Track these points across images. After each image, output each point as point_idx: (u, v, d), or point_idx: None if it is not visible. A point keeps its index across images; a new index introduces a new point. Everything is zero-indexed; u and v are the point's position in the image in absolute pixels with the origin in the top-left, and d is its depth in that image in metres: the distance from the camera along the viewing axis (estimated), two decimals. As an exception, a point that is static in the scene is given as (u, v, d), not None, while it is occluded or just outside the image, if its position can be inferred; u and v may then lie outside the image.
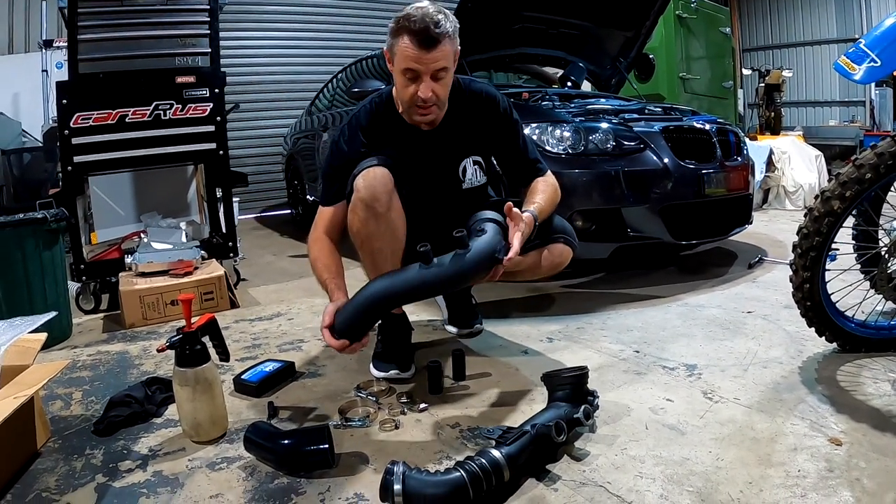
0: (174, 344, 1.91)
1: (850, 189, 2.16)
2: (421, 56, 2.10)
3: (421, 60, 2.11)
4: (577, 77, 5.34)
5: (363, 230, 2.24)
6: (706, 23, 8.84)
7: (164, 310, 3.34)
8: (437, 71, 2.14)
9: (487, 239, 1.98)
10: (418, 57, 2.11)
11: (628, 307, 3.19)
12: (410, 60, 2.12)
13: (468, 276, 1.99)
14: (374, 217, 2.20)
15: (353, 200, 2.23)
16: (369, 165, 2.23)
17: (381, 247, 2.28)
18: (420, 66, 2.12)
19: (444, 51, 2.12)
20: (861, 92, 11.80)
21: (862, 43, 2.38)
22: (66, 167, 3.55)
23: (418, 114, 2.24)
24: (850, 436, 1.81)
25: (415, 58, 2.11)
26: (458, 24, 2.20)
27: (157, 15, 3.69)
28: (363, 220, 2.22)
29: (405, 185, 2.29)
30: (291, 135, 6.87)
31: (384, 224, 2.23)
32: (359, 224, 2.23)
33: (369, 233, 2.24)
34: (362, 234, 2.25)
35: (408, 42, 2.10)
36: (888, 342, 2.40)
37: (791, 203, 6.58)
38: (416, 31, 2.07)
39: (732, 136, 4.05)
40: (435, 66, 2.13)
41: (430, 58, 2.11)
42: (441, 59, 2.13)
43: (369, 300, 1.95)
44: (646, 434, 1.88)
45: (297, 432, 1.90)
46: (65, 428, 2.10)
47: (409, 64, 2.13)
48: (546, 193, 2.37)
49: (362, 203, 2.19)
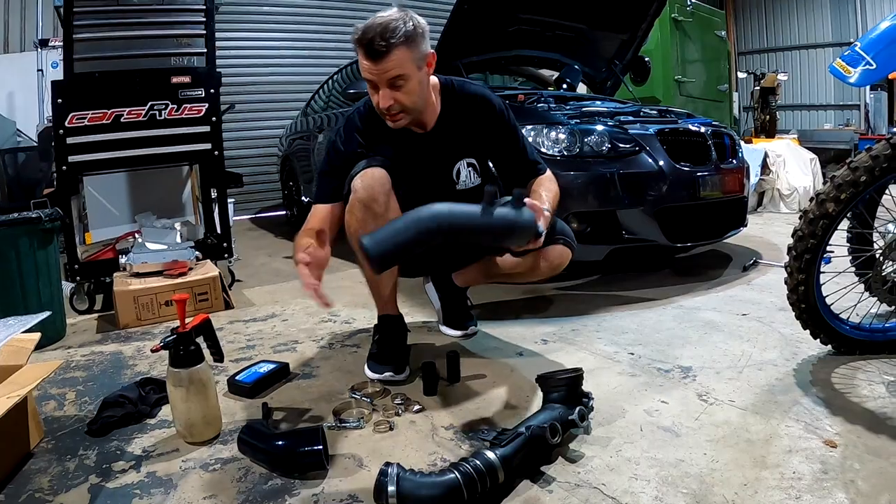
0: (168, 344, 1.91)
1: (844, 192, 2.16)
2: (371, 67, 2.12)
3: (372, 71, 2.13)
4: (573, 79, 5.35)
5: (361, 230, 2.23)
6: (702, 26, 8.86)
7: (159, 310, 3.33)
8: (392, 80, 2.14)
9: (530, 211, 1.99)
10: (370, 68, 2.13)
11: (623, 309, 3.19)
12: (364, 70, 2.15)
13: (521, 231, 1.98)
14: (373, 217, 2.20)
15: (350, 201, 2.23)
16: (367, 166, 2.24)
17: None
18: (373, 76, 2.14)
19: (395, 59, 2.10)
20: (856, 96, 11.85)
21: (857, 46, 2.39)
22: (61, 167, 3.53)
23: (388, 120, 2.25)
24: (845, 438, 1.81)
25: (367, 68, 2.14)
26: (423, 27, 2.18)
27: (153, 15, 3.69)
28: (361, 221, 2.22)
29: (400, 187, 2.30)
30: (287, 136, 6.86)
31: (381, 225, 2.23)
32: (356, 224, 2.23)
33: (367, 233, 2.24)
34: (360, 234, 2.25)
35: (361, 55, 2.13)
36: (883, 344, 2.40)
37: (786, 206, 6.60)
38: (364, 43, 2.09)
39: (727, 139, 4.05)
40: (387, 75, 2.12)
41: (379, 68, 2.11)
42: (392, 67, 2.11)
43: (427, 218, 1.86)
44: (640, 436, 1.88)
45: (290, 433, 1.90)
46: (58, 428, 2.10)
47: (365, 74, 2.17)
48: (551, 192, 2.38)
49: (360, 204, 2.20)
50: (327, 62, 8.16)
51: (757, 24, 13.67)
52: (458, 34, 4.14)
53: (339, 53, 8.39)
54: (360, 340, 2.86)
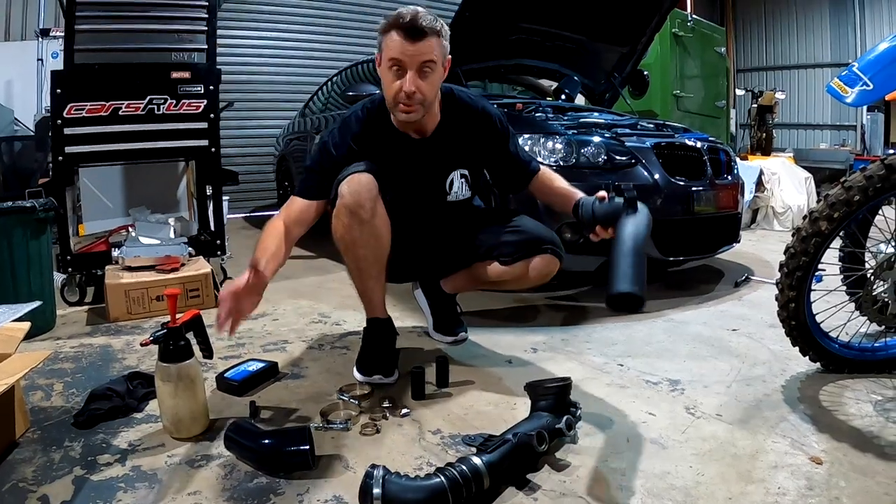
0: (158, 339, 1.91)
1: (838, 210, 2.17)
2: (406, 47, 2.12)
3: (406, 52, 2.13)
4: (572, 90, 5.36)
5: (347, 236, 2.24)
6: (702, 42, 8.89)
7: (149, 305, 3.32)
8: (423, 64, 2.15)
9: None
10: (404, 48, 2.13)
11: (613, 321, 3.19)
12: (396, 51, 2.14)
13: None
14: (359, 223, 2.21)
15: (337, 206, 2.23)
16: (354, 171, 2.23)
17: (365, 254, 2.29)
18: (405, 57, 2.14)
19: (430, 45, 2.14)
20: (852, 116, 11.91)
21: (855, 66, 2.41)
22: (57, 157, 3.52)
23: (401, 110, 2.23)
24: (831, 455, 1.82)
25: (401, 49, 2.13)
26: (449, 31, 2.22)
27: (155, 9, 3.68)
28: (347, 227, 2.22)
29: (389, 192, 2.30)
30: (284, 136, 6.85)
31: (368, 231, 2.24)
32: (342, 230, 2.24)
33: (353, 239, 2.25)
34: (346, 239, 2.25)
35: (395, 36, 2.13)
36: (871, 364, 2.42)
37: (779, 224, 6.62)
38: (404, 24, 2.11)
39: (723, 155, 4.07)
40: (420, 58, 2.14)
41: (415, 49, 2.12)
42: (427, 52, 2.14)
43: (640, 246, 1.95)
44: (627, 447, 1.89)
45: (277, 433, 1.89)
46: (44, 419, 2.09)
47: (394, 54, 2.15)
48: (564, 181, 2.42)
49: (346, 209, 2.20)
50: (327, 64, 8.16)
51: (756, 43, 13.73)
52: (458, 41, 4.14)
53: (338, 55, 8.39)
54: (350, 343, 2.86)
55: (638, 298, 1.85)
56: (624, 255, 1.93)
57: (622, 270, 1.90)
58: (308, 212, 2.30)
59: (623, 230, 2.00)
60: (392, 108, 2.28)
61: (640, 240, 1.97)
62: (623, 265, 1.91)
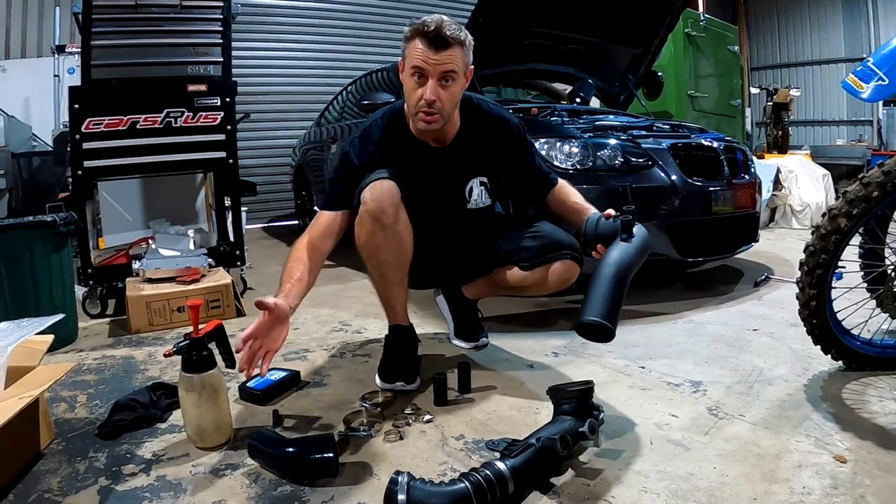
0: (181, 349, 1.92)
1: (857, 207, 2.16)
2: (430, 56, 2.13)
3: (429, 60, 2.14)
4: (586, 93, 5.35)
5: (370, 242, 2.25)
6: (715, 41, 8.86)
7: (171, 316, 3.34)
8: (445, 73, 2.16)
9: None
10: (427, 56, 2.14)
11: (634, 323, 3.18)
12: (419, 59, 2.15)
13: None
14: (381, 229, 2.22)
15: (360, 213, 2.24)
16: (377, 178, 2.24)
17: (388, 259, 2.29)
18: (428, 65, 2.14)
19: (453, 54, 2.15)
20: (868, 111, 11.82)
21: (870, 61, 2.40)
22: (77, 172, 3.56)
23: (422, 119, 2.24)
24: (856, 453, 1.81)
25: (424, 57, 2.14)
26: (472, 40, 2.22)
27: (170, 23, 3.71)
28: (370, 233, 2.23)
29: (410, 200, 2.30)
30: (300, 146, 6.88)
31: (391, 236, 2.25)
32: (366, 236, 2.24)
33: (376, 245, 2.25)
34: (369, 246, 2.26)
35: (419, 43, 2.14)
36: (894, 360, 2.40)
37: (798, 222, 6.58)
38: (429, 32, 2.12)
39: (740, 154, 4.05)
40: (442, 67, 2.15)
41: (438, 58, 2.13)
42: (450, 61, 2.15)
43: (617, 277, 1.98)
44: (650, 449, 1.88)
45: (301, 441, 1.90)
46: (69, 430, 2.11)
47: (417, 62, 2.16)
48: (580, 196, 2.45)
49: (369, 216, 2.21)
50: (342, 73, 8.18)
51: (770, 40, 13.66)
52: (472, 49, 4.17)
53: (354, 65, 8.41)
54: (372, 350, 2.87)
55: (603, 328, 1.85)
56: (599, 283, 1.95)
57: (593, 298, 1.92)
58: (336, 223, 2.32)
59: (608, 256, 2.02)
60: (412, 117, 2.29)
61: (622, 268, 1.98)
62: (596, 293, 1.93)
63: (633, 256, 2.03)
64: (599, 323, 1.85)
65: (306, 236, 2.29)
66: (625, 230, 2.05)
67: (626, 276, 1.99)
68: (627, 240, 2.04)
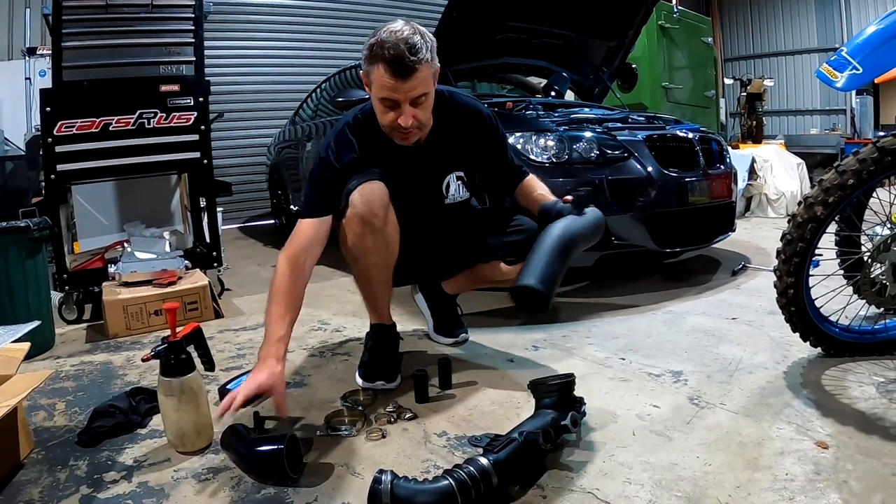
0: (159, 353, 1.90)
1: (833, 195, 2.17)
2: (398, 85, 2.06)
3: (399, 90, 2.08)
4: (561, 87, 5.36)
5: (358, 244, 2.22)
6: (688, 33, 8.91)
7: (148, 320, 3.32)
8: (417, 98, 2.12)
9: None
10: (395, 87, 2.07)
11: (613, 315, 3.20)
12: (388, 90, 2.09)
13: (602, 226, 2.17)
14: (371, 232, 2.19)
15: (348, 215, 2.20)
16: (366, 180, 2.21)
17: (375, 261, 2.28)
18: (398, 95, 2.09)
19: (421, 77, 2.08)
20: (842, 100, 11.95)
21: (844, 51, 2.41)
22: (50, 175, 3.51)
23: (399, 139, 2.23)
24: (837, 439, 1.82)
25: (392, 87, 2.07)
26: (434, 42, 2.15)
27: (141, 23, 3.67)
28: (359, 236, 2.20)
29: (395, 200, 2.29)
30: (275, 144, 6.85)
31: (380, 239, 2.23)
32: (354, 239, 2.22)
33: (365, 248, 2.23)
34: (357, 248, 2.24)
35: (383, 72, 2.05)
36: (872, 346, 2.42)
37: (773, 211, 6.64)
38: (391, 59, 2.02)
39: (715, 145, 4.07)
40: (413, 93, 2.10)
41: (407, 87, 2.07)
42: (419, 86, 2.09)
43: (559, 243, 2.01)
44: (633, 440, 1.89)
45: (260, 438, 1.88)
46: (48, 439, 2.08)
47: (387, 94, 2.10)
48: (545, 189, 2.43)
49: (359, 218, 2.18)
50: (316, 70, 8.15)
51: (743, 31, 13.77)
52: (446, 42, 4.14)
53: (327, 62, 8.36)
54: (351, 349, 2.85)
55: (538, 295, 1.86)
56: (541, 251, 1.95)
57: (531, 265, 1.93)
58: (320, 231, 2.20)
59: (553, 226, 2.02)
60: (388, 133, 2.25)
61: (564, 239, 1.99)
62: (535, 260, 1.94)
63: (579, 229, 2.04)
64: (533, 288, 1.85)
65: (289, 251, 2.16)
66: (575, 206, 2.05)
67: (568, 248, 2.00)
68: (577, 214, 2.04)
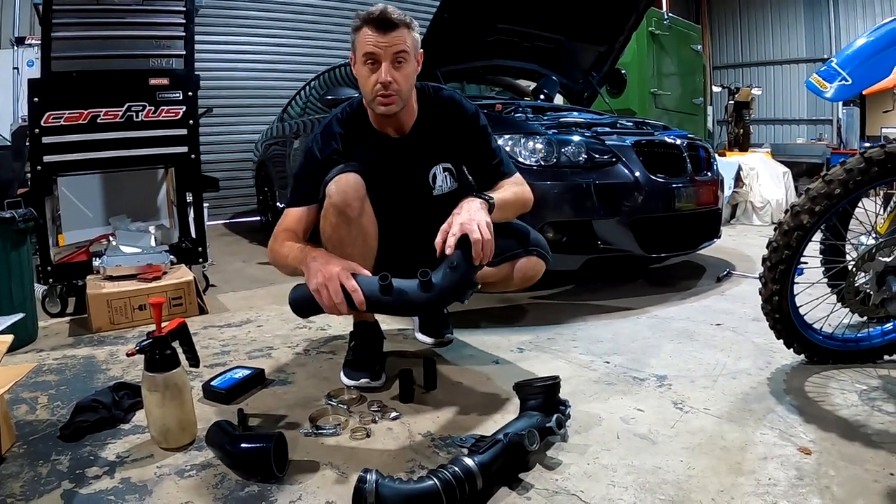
0: (144, 348, 1.89)
1: (819, 204, 2.19)
2: (379, 40, 2.16)
3: (379, 44, 2.16)
4: (550, 90, 5.38)
5: (335, 235, 2.24)
6: (678, 40, 8.94)
7: (132, 314, 3.29)
8: (397, 54, 2.18)
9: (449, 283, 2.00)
10: (377, 40, 2.16)
11: (599, 318, 3.21)
12: (369, 45, 2.17)
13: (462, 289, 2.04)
14: (346, 223, 2.20)
15: (325, 206, 2.23)
16: (341, 172, 2.24)
17: (352, 252, 2.27)
18: (379, 48, 2.16)
19: (401, 35, 2.18)
20: (828, 110, 12.04)
21: (834, 62, 2.44)
22: (36, 167, 3.49)
23: (380, 103, 2.24)
24: (819, 445, 1.84)
25: (374, 41, 2.16)
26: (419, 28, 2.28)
27: (132, 15, 3.66)
28: (335, 226, 2.22)
29: (376, 192, 2.30)
30: (263, 141, 6.83)
31: (356, 229, 2.24)
32: (330, 230, 2.23)
33: (341, 238, 2.24)
34: (334, 239, 2.25)
35: (367, 30, 2.17)
36: (855, 354, 2.45)
37: (758, 218, 6.69)
38: (375, 17, 2.15)
39: (703, 152, 4.09)
40: (393, 49, 2.17)
41: (387, 40, 2.16)
42: (399, 42, 2.17)
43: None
44: (617, 443, 1.89)
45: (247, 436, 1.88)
46: (30, 433, 2.06)
47: (368, 48, 2.17)
48: (509, 190, 2.37)
49: (334, 209, 2.19)
50: (305, 68, 8.15)
51: (732, 39, 13.85)
52: (437, 43, 4.15)
53: (316, 59, 8.36)
54: (336, 347, 2.85)
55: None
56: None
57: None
58: (304, 219, 2.31)
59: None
60: (370, 104, 2.29)
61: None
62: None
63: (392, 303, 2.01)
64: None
65: (276, 231, 2.30)
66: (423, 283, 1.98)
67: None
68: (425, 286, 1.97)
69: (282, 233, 2.27)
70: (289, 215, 2.32)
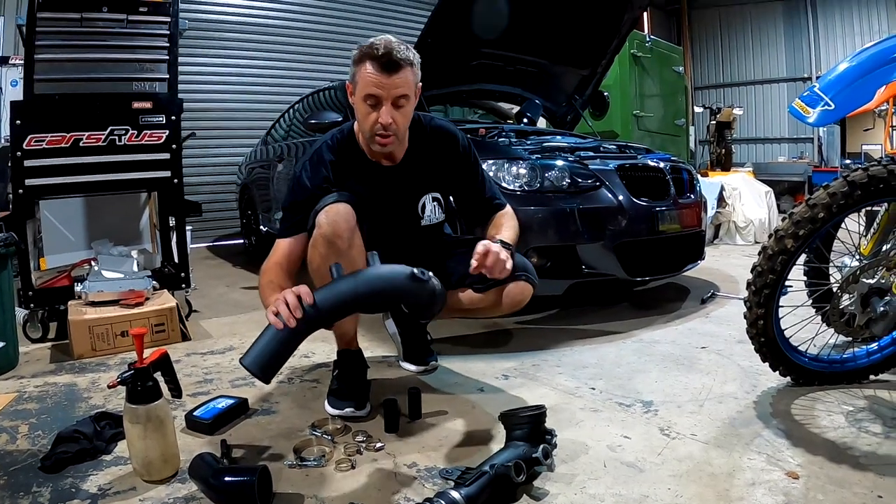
0: (126, 380, 1.86)
1: (803, 228, 2.21)
2: (382, 81, 2.13)
3: (382, 85, 2.14)
4: (533, 114, 5.40)
5: (323, 267, 2.21)
6: (660, 61, 9.02)
7: (114, 341, 3.26)
8: (398, 98, 2.17)
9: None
10: (380, 82, 2.13)
11: (583, 343, 3.20)
12: (372, 86, 2.15)
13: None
14: (336, 254, 2.17)
15: (314, 236, 2.20)
16: (332, 202, 2.21)
17: None
18: (381, 91, 2.14)
19: (405, 78, 2.16)
20: (809, 129, 12.16)
21: (816, 87, 2.45)
22: (17, 190, 3.47)
23: (378, 143, 2.24)
24: (807, 469, 1.84)
25: (376, 83, 2.14)
26: (419, 59, 2.23)
27: (116, 38, 3.65)
28: (323, 257, 2.19)
29: (366, 221, 2.28)
30: (246, 164, 6.82)
31: (344, 262, 2.21)
32: (319, 260, 2.20)
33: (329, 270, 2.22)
34: (322, 270, 2.22)
35: (370, 68, 2.14)
36: (840, 375, 2.46)
37: (742, 238, 6.72)
38: (379, 56, 2.11)
39: (686, 174, 4.11)
40: (396, 91, 2.15)
41: (391, 83, 2.14)
42: (402, 85, 2.15)
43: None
44: (604, 472, 1.88)
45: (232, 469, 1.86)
46: (10, 463, 2.03)
47: (371, 90, 2.15)
48: (510, 229, 2.41)
49: (324, 239, 2.17)
50: (288, 91, 8.16)
51: (713, 60, 14.00)
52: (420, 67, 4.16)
53: (300, 83, 8.39)
54: (320, 375, 2.83)
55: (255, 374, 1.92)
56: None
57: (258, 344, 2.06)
58: (296, 249, 2.28)
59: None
60: (368, 140, 2.28)
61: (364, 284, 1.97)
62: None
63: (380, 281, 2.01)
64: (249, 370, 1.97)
65: (268, 264, 2.27)
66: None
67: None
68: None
69: (271, 268, 2.25)
70: (278, 248, 2.29)
